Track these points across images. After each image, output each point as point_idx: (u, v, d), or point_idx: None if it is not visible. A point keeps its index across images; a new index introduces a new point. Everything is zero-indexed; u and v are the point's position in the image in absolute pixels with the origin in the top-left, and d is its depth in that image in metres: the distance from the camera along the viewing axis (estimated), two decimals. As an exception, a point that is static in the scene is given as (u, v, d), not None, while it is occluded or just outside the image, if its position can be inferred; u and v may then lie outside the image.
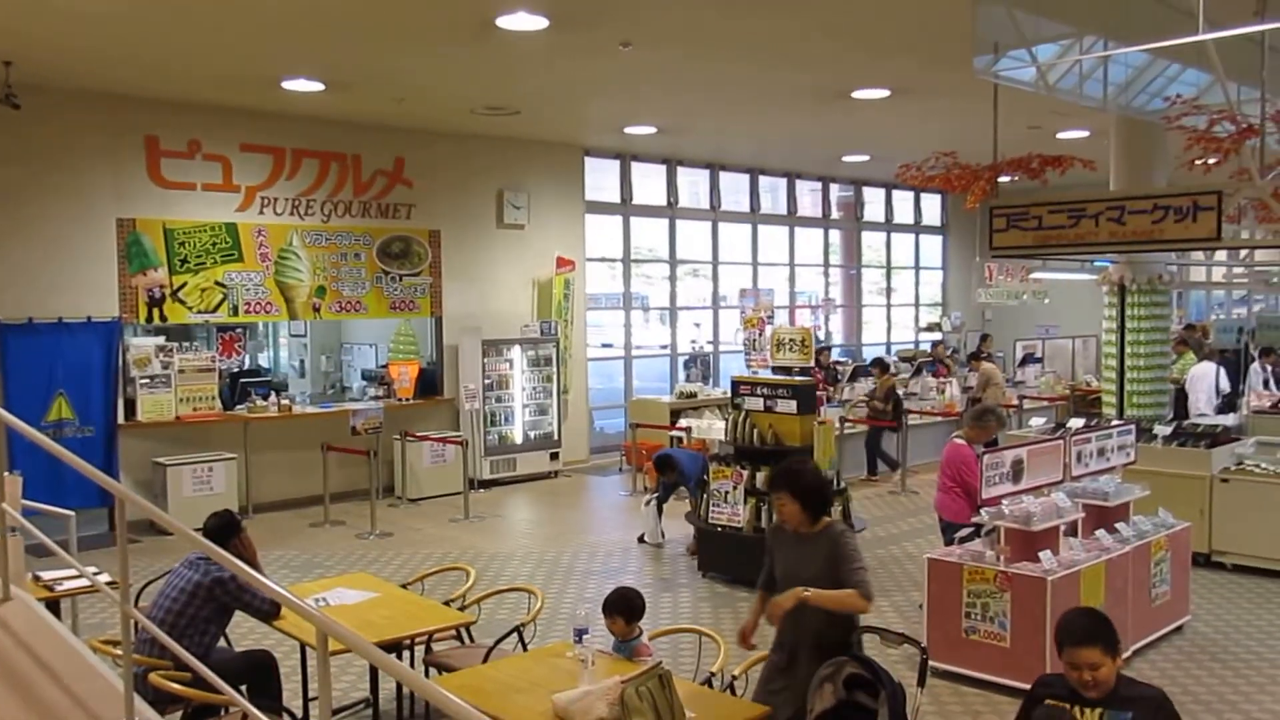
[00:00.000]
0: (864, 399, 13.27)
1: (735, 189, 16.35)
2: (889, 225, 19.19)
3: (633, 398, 14.76)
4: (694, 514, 9.04)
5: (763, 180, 16.67)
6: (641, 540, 9.90)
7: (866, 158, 15.59)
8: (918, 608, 7.18)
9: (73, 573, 5.64)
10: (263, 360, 14.62)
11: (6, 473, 4.90)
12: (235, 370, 12.38)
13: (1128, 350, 10.69)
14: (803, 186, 17.43)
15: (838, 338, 18.69)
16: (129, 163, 10.46)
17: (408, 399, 12.43)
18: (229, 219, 11.10)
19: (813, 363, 9.11)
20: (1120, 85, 9.08)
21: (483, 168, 13.08)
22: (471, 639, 5.74)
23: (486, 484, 12.59)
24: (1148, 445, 8.75)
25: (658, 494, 9.93)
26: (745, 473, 8.43)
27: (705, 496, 8.75)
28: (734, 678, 4.69)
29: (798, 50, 9.00)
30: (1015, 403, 14.31)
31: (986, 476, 6.26)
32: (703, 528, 8.77)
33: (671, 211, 15.46)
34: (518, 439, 13.08)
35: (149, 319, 10.67)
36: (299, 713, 5.52)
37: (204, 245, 10.91)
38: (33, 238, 9.93)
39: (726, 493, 8.52)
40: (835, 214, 18.19)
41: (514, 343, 13.00)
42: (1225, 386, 12.53)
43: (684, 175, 15.53)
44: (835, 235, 18.50)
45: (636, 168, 14.88)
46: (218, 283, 11.03)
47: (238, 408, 11.40)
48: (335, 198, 11.89)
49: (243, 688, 4.83)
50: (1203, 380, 12.44)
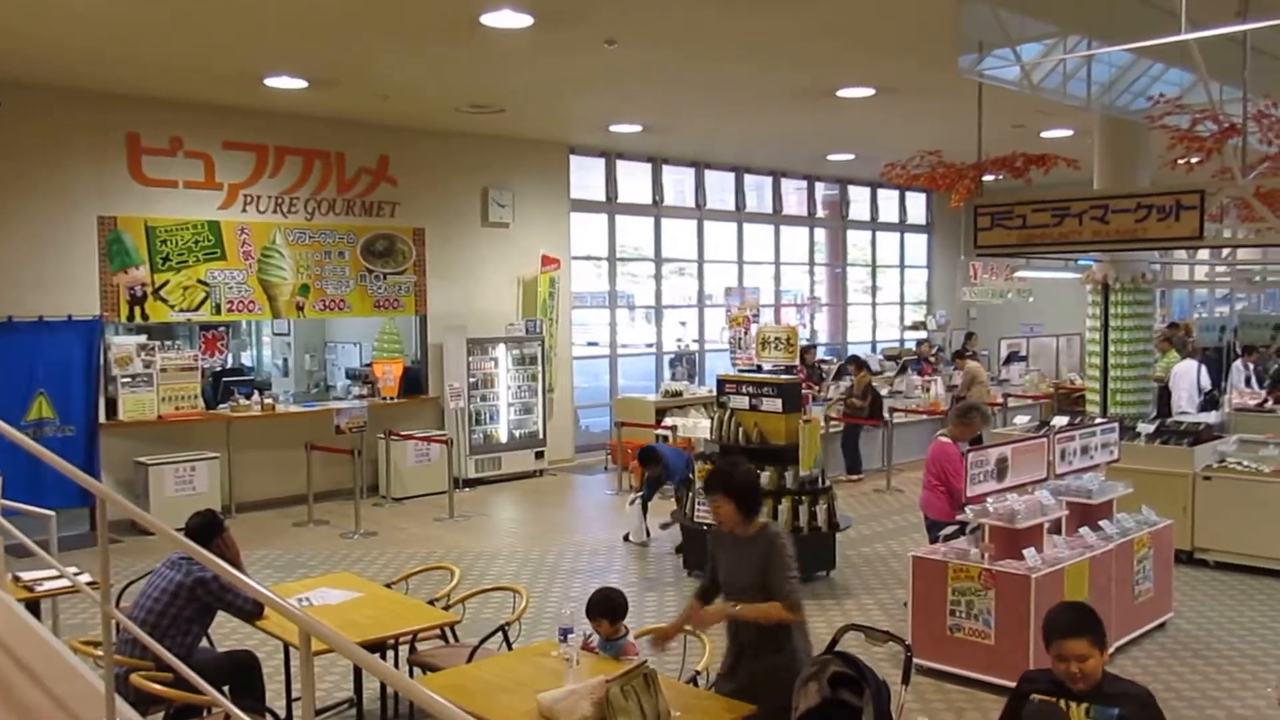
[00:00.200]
0: (841, 397, 13.20)
1: (720, 187, 16.35)
2: (874, 224, 19.23)
3: (618, 396, 14.75)
4: (679, 512, 9.03)
5: (748, 179, 16.68)
6: (627, 539, 9.90)
7: (852, 156, 15.62)
8: (902, 605, 7.20)
9: (53, 573, 5.60)
10: (246, 359, 14.54)
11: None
12: (218, 369, 12.31)
13: (1111, 349, 10.75)
14: (788, 185, 17.45)
15: (823, 336, 18.72)
16: (110, 160, 10.38)
17: (392, 398, 12.39)
18: (211, 217, 11.04)
19: (797, 361, 9.08)
20: (1104, 84, 9.13)
21: (467, 166, 13.03)
22: (456, 638, 5.72)
23: (471, 483, 12.56)
24: (1131, 443, 8.79)
25: (642, 493, 9.93)
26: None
27: (691, 495, 8.74)
28: (720, 676, 4.68)
29: (783, 49, 9.00)
30: (1000, 401, 14.36)
31: (971, 474, 6.28)
32: (689, 526, 8.77)
33: (657, 210, 15.46)
34: (503, 438, 13.05)
35: (130, 317, 10.60)
36: (282, 713, 5.49)
37: (186, 243, 10.85)
38: (13, 235, 9.86)
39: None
40: (820, 212, 18.22)
41: (499, 341, 12.98)
42: (1206, 384, 12.61)
43: (669, 173, 15.53)
44: (820, 234, 18.53)
45: (622, 166, 14.86)
46: (200, 281, 10.97)
47: (220, 407, 11.33)
48: (319, 196, 11.83)
49: (225, 688, 4.79)
50: (1184, 378, 12.53)
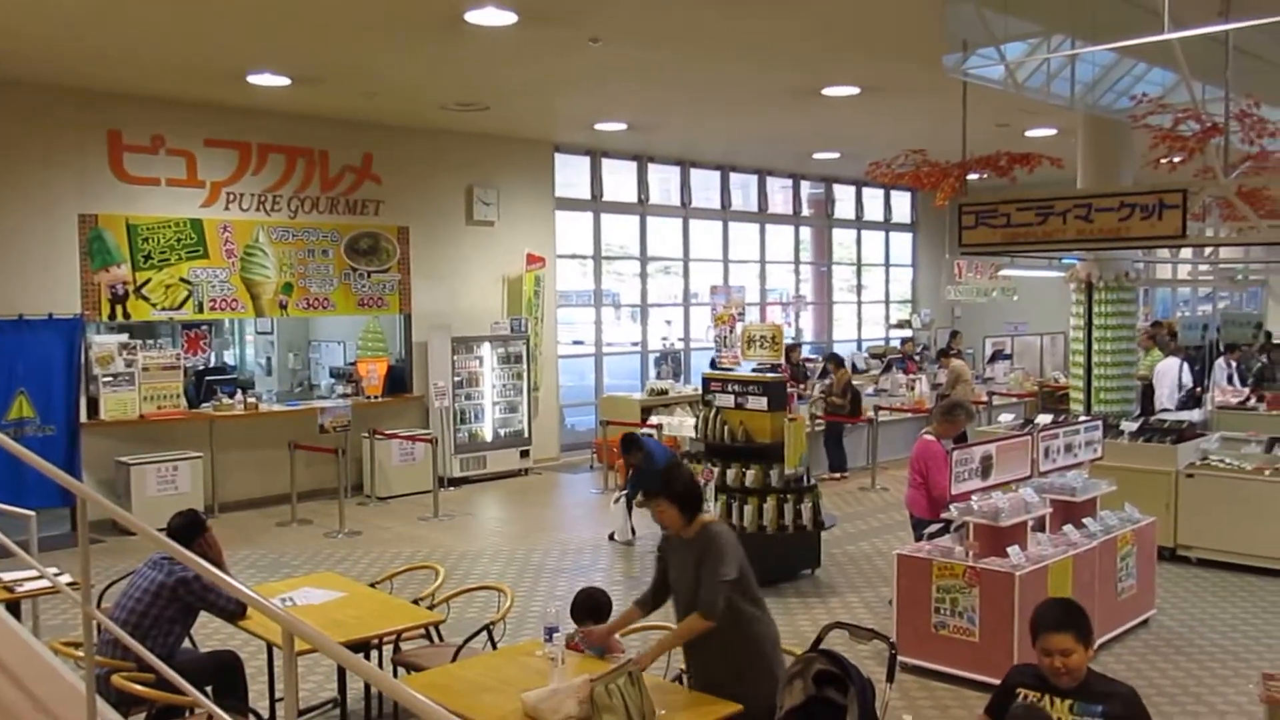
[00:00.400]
0: (821, 395, 13.13)
1: (706, 186, 16.35)
2: (859, 222, 19.26)
3: (603, 395, 14.74)
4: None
5: (733, 177, 16.68)
6: (612, 538, 9.89)
7: (837, 155, 15.65)
8: (887, 603, 7.21)
9: (33, 573, 5.56)
10: (229, 358, 14.46)
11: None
12: (200, 368, 12.23)
13: (1095, 347, 10.80)
14: (773, 183, 17.47)
15: (809, 335, 18.74)
16: (91, 157, 10.30)
17: (376, 397, 12.34)
18: (194, 215, 10.97)
19: (782, 360, 9.08)
20: (1087, 84, 9.17)
21: (452, 164, 12.99)
22: (441, 638, 5.70)
23: (456, 482, 12.52)
24: (1114, 441, 8.83)
25: (626, 491, 9.91)
26: (716, 470, 8.43)
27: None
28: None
29: (769, 47, 9.00)
30: (984, 399, 14.41)
31: (956, 472, 6.29)
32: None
33: (642, 208, 15.45)
34: (488, 437, 13.02)
35: (112, 316, 10.53)
36: (265, 714, 5.46)
37: (168, 241, 10.77)
38: (-8, 233, 9.79)
39: (697, 490, 8.50)
40: (806, 211, 18.24)
41: (484, 340, 12.94)
42: (1188, 381, 12.69)
43: (655, 172, 15.52)
44: (806, 232, 18.56)
45: (607, 164, 14.84)
46: (182, 279, 10.90)
47: (203, 406, 11.26)
48: (302, 194, 11.77)
49: (208, 689, 4.77)
50: (1167, 375, 12.61)
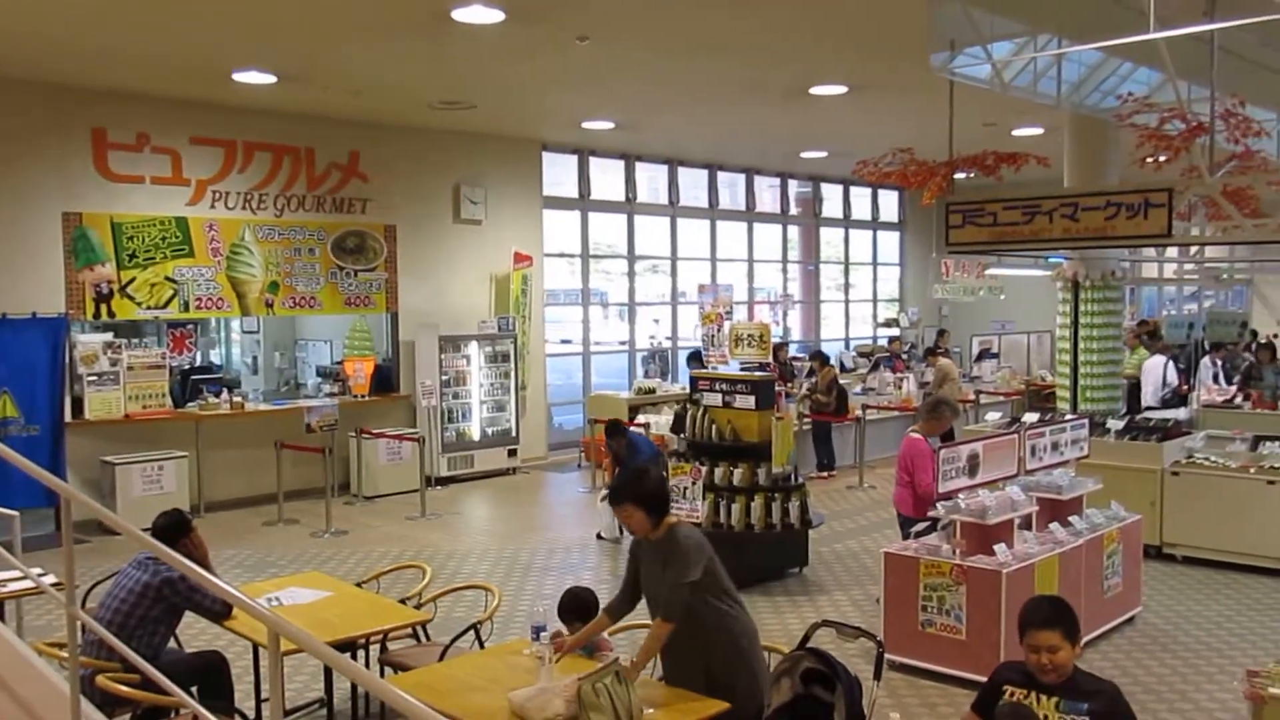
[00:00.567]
0: (806, 393, 13.08)
1: (694, 184, 16.35)
2: (847, 221, 19.29)
3: (591, 394, 14.72)
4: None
5: (721, 176, 16.69)
6: (599, 537, 9.88)
7: (824, 154, 15.67)
8: (875, 601, 7.22)
9: (17, 574, 5.52)
10: (214, 357, 14.37)
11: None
12: (186, 367, 12.17)
13: (1081, 345, 10.85)
14: (761, 182, 17.48)
15: (797, 333, 18.76)
16: (75, 155, 10.23)
17: (363, 395, 12.30)
18: (179, 213, 10.91)
19: (770, 358, 9.07)
20: (1074, 83, 9.20)
21: (439, 162, 12.96)
22: (428, 637, 5.68)
23: (444, 481, 12.50)
24: (1100, 439, 8.87)
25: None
26: (704, 469, 8.42)
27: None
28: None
29: (757, 46, 9.00)
30: (971, 397, 14.44)
31: (943, 470, 6.30)
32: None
33: (630, 207, 15.44)
34: (475, 436, 13.00)
35: (97, 315, 10.47)
36: (251, 714, 5.43)
37: (153, 240, 10.72)
38: (-25, 231, 9.72)
39: (685, 489, 8.49)
40: (794, 210, 18.26)
41: (471, 339, 12.91)
42: (1173, 379, 12.75)
43: (642, 170, 15.51)
44: (794, 231, 18.58)
45: (595, 163, 14.83)
46: (168, 278, 10.84)
47: (189, 405, 11.20)
48: (288, 192, 11.72)
49: (193, 689, 4.74)
50: (1152, 373, 12.67)
